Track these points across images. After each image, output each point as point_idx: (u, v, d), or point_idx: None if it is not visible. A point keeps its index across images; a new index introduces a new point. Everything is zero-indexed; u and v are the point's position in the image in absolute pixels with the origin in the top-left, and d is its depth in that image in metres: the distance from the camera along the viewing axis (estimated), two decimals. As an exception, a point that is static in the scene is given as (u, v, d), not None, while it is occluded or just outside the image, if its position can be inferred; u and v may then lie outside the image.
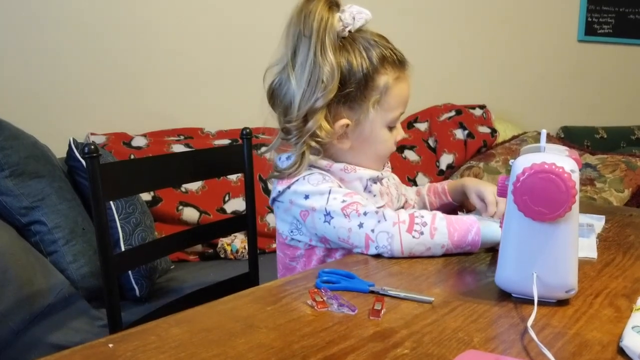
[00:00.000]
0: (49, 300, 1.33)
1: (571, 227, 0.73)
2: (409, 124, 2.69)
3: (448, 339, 0.63)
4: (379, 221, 0.95)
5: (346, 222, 0.97)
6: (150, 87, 2.30)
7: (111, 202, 1.55)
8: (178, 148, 2.16)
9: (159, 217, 1.99)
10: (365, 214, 0.96)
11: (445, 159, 2.52)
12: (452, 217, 0.98)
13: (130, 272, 1.55)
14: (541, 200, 0.71)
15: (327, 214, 0.99)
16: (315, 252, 1.07)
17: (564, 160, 0.73)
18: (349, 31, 1.02)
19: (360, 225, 0.96)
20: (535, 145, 0.84)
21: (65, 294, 1.36)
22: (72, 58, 2.14)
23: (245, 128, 1.37)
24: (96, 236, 1.02)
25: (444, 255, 0.94)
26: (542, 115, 3.10)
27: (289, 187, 1.03)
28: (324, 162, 1.05)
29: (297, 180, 1.02)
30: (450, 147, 2.55)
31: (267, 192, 2.15)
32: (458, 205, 1.27)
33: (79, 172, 1.60)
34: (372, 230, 0.95)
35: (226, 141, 2.26)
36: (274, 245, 2.08)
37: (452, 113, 2.68)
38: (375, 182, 1.09)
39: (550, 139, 2.66)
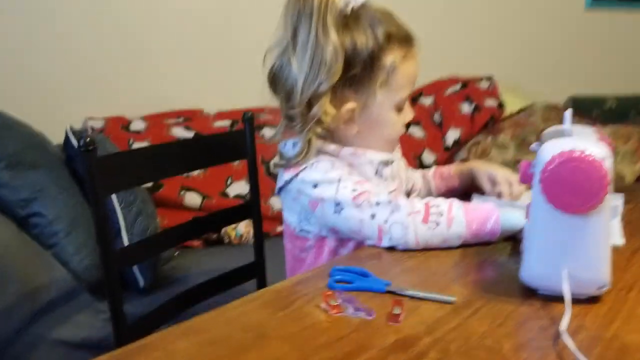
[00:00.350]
0: (51, 295, 1.29)
1: (603, 219, 0.68)
2: (413, 99, 2.62)
3: (476, 347, 0.59)
4: (392, 211, 0.90)
5: (357, 213, 0.92)
6: (147, 68, 2.23)
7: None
8: (178, 131, 2.10)
9: (161, 202, 1.94)
10: (377, 204, 0.91)
11: (452, 135, 2.45)
12: (470, 205, 0.93)
13: (133, 262, 1.51)
14: (571, 191, 0.66)
15: (337, 204, 0.94)
16: (326, 242, 1.02)
17: (595, 147, 0.68)
18: (352, 8, 0.95)
19: (373, 216, 0.91)
20: (559, 128, 0.79)
21: (67, 288, 1.32)
22: (67, 40, 2.06)
23: (247, 112, 1.31)
24: (95, 232, 0.97)
25: (461, 245, 0.89)
26: (550, 86, 3.02)
27: (296, 175, 0.97)
28: (332, 147, 1.00)
29: (304, 168, 0.97)
30: (457, 122, 2.48)
31: (271, 174, 2.10)
32: (464, 189, 1.22)
33: (78, 161, 1.55)
34: (385, 222, 0.90)
35: (227, 122, 2.20)
36: (279, 229, 2.04)
37: (458, 86, 2.60)
38: (387, 165, 1.04)
39: (557, 112, 2.59)
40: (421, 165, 2.35)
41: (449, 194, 1.25)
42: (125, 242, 1.47)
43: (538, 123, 2.45)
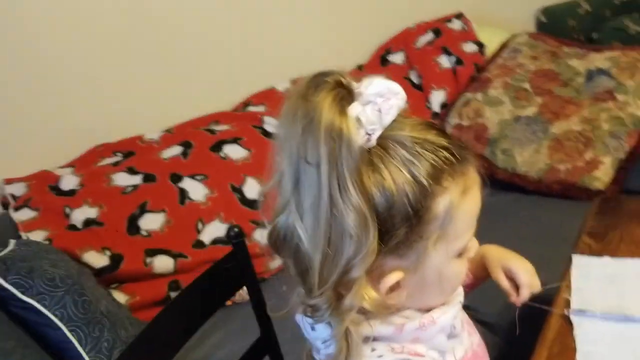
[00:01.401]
0: None
1: None
2: (382, 59, 2.24)
3: None
4: None
5: None
6: (63, 98, 1.76)
7: (66, 331, 1.16)
8: (121, 178, 1.70)
9: (127, 278, 1.59)
10: None
11: (436, 97, 2.12)
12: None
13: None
14: None
15: None
16: None
17: None
18: (377, 138, 0.60)
19: None
20: None
21: None
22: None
23: (232, 227, 0.96)
24: None
25: None
26: (520, 2, 2.69)
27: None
28: (389, 330, 0.67)
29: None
30: (439, 80, 2.13)
31: (246, 202, 1.75)
32: (484, 281, 0.95)
33: (10, 301, 1.17)
34: None
35: (178, 150, 1.79)
36: (273, 265, 1.72)
37: (430, 35, 2.23)
38: (457, 317, 0.74)
39: (544, 44, 2.26)
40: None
41: (466, 289, 0.97)
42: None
43: (528, 64, 2.14)
